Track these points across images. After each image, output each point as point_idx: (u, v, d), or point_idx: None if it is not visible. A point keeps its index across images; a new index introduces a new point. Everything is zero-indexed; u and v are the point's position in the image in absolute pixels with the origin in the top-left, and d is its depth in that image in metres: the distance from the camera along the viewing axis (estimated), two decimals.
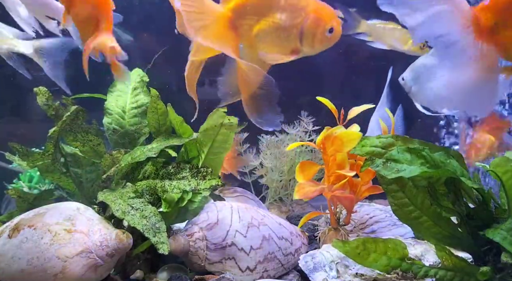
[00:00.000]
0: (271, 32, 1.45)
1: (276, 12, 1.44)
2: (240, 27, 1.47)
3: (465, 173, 1.20)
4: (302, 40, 1.45)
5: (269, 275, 1.43)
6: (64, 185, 1.57)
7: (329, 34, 1.43)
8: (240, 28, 1.47)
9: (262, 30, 1.45)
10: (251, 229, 1.44)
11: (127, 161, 1.39)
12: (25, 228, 1.22)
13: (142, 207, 1.28)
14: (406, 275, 1.23)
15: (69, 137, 1.51)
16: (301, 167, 1.52)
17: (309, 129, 2.13)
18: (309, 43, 1.45)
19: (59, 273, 1.19)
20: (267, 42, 1.47)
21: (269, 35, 1.45)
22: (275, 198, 2.23)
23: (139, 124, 1.61)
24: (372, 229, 1.63)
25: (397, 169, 1.15)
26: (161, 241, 1.19)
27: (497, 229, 1.18)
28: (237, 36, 1.47)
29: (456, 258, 1.20)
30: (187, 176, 1.34)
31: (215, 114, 1.46)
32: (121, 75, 1.35)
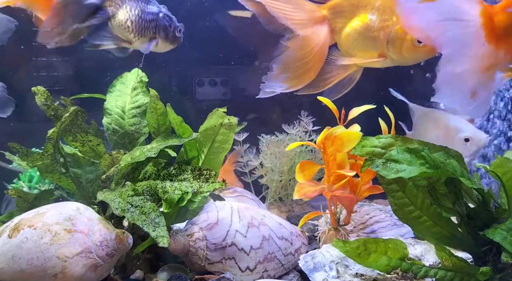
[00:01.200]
0: (360, 33, 1.44)
1: (368, 13, 1.42)
2: (335, 26, 1.48)
3: (465, 173, 1.20)
4: (389, 45, 1.41)
5: (269, 275, 1.43)
6: (64, 185, 1.57)
7: (418, 44, 1.38)
8: (334, 27, 1.48)
9: (352, 30, 1.44)
10: (251, 229, 1.44)
11: (126, 161, 1.39)
12: (25, 228, 1.22)
13: (142, 204, 1.28)
14: (406, 275, 1.23)
15: (69, 138, 1.51)
16: (301, 167, 1.52)
17: (309, 129, 2.13)
18: (396, 50, 1.41)
19: (59, 273, 1.19)
20: (355, 43, 1.46)
21: (358, 36, 1.44)
22: (275, 198, 2.23)
23: (138, 124, 1.60)
24: (372, 229, 1.63)
25: (396, 170, 1.15)
26: (161, 234, 1.19)
27: (497, 229, 1.18)
28: (331, 34, 1.50)
29: (456, 258, 1.20)
30: (189, 178, 1.34)
31: (215, 114, 1.46)
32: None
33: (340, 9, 1.52)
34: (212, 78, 2.41)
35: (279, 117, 2.45)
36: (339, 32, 1.54)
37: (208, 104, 2.39)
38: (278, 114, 2.42)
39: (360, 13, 1.46)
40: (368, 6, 1.46)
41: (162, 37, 1.57)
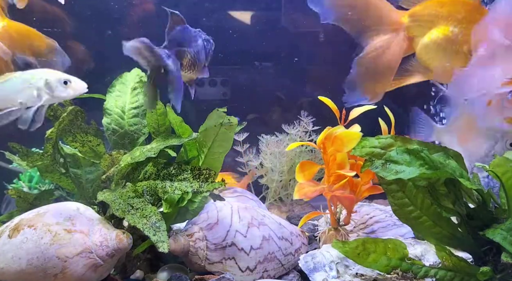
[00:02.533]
0: (440, 45, 1.39)
1: (450, 25, 1.37)
2: (413, 34, 1.45)
3: (464, 174, 1.20)
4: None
5: (269, 275, 1.43)
6: (64, 185, 1.57)
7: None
8: (412, 36, 1.46)
9: (432, 42, 1.41)
10: (251, 229, 1.44)
11: (126, 162, 1.39)
12: (25, 228, 1.22)
13: (142, 206, 1.28)
14: (406, 275, 1.23)
15: (69, 138, 1.51)
16: (301, 167, 1.52)
17: (309, 129, 2.13)
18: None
19: (59, 273, 1.19)
20: (435, 55, 1.43)
21: (438, 48, 1.40)
22: (275, 198, 2.23)
23: (138, 124, 1.61)
24: (372, 229, 1.63)
25: (396, 171, 1.15)
26: (161, 239, 1.19)
27: (497, 229, 1.18)
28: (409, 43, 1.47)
29: (456, 258, 1.20)
30: (189, 178, 1.34)
31: (215, 114, 1.46)
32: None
33: (420, 17, 1.48)
34: (212, 78, 2.41)
35: (279, 117, 2.45)
36: (417, 42, 1.50)
37: (208, 104, 2.39)
38: (278, 114, 2.42)
39: (440, 24, 1.42)
40: (450, 17, 1.41)
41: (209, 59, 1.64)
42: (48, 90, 1.32)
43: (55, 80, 1.32)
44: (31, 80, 1.32)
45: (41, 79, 1.32)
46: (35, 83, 1.32)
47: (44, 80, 1.32)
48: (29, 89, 1.32)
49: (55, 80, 1.32)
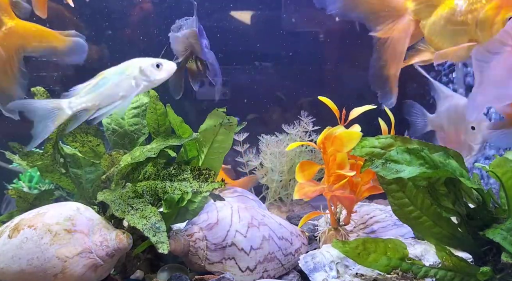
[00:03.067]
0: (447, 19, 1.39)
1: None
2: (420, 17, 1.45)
3: (464, 173, 1.20)
4: (477, 29, 1.34)
5: (269, 275, 1.43)
6: (64, 185, 1.57)
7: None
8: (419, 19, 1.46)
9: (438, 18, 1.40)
10: (251, 229, 1.44)
11: (126, 162, 1.39)
12: (25, 228, 1.22)
13: (142, 207, 1.28)
14: (406, 275, 1.23)
15: (69, 138, 1.51)
16: (301, 167, 1.52)
17: (309, 129, 2.14)
18: (486, 33, 1.34)
19: (59, 273, 1.19)
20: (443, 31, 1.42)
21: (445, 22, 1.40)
22: (275, 198, 2.23)
23: (138, 124, 1.61)
24: (372, 229, 1.63)
25: (396, 170, 1.15)
26: (161, 240, 1.19)
27: (497, 229, 1.18)
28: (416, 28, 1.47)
29: (456, 258, 1.20)
30: (188, 178, 1.34)
31: (215, 114, 1.46)
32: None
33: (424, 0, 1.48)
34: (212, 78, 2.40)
35: (279, 117, 2.45)
36: (424, 24, 1.50)
37: (208, 104, 2.40)
38: (278, 114, 2.42)
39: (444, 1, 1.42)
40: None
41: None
42: (144, 77, 1.35)
43: (148, 65, 1.36)
44: (126, 71, 1.36)
45: (135, 68, 1.36)
46: (130, 73, 1.35)
47: (138, 68, 1.35)
48: (127, 80, 1.35)
49: (148, 66, 1.36)
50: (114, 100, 1.36)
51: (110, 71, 1.37)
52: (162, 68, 1.37)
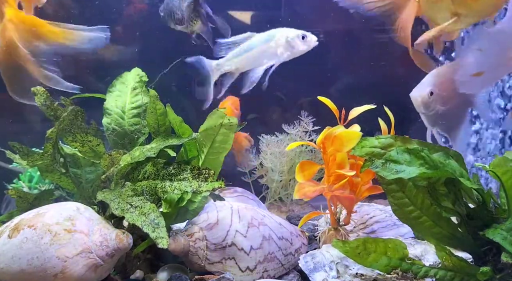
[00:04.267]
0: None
1: None
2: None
3: (464, 173, 1.20)
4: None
5: (269, 275, 1.43)
6: (64, 185, 1.57)
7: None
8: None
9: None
10: (251, 229, 1.44)
11: (126, 162, 1.39)
12: (25, 228, 1.22)
13: (141, 204, 1.28)
14: (406, 275, 1.23)
15: (68, 138, 1.51)
16: (301, 167, 1.52)
17: (309, 129, 2.14)
18: (462, 2, 1.39)
19: (59, 273, 1.19)
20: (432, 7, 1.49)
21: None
22: (275, 198, 2.23)
23: (138, 124, 1.60)
24: (372, 229, 1.63)
25: (396, 170, 1.15)
26: (160, 235, 1.19)
27: (497, 229, 1.18)
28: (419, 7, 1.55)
29: (456, 258, 1.20)
30: (188, 177, 1.34)
31: (215, 114, 1.46)
32: None
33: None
34: None
35: (279, 117, 2.45)
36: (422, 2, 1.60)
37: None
38: (278, 114, 2.42)
39: None
40: None
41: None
42: (289, 47, 1.38)
43: (295, 36, 1.38)
44: (273, 40, 1.37)
45: (282, 37, 1.37)
46: (277, 41, 1.38)
47: (285, 37, 1.37)
48: (272, 48, 1.38)
49: (295, 37, 1.38)
50: (257, 66, 1.38)
51: (257, 37, 1.39)
52: (307, 40, 1.39)
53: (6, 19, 1.60)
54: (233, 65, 1.41)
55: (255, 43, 1.41)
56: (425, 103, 1.73)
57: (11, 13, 1.62)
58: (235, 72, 1.44)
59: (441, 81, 1.74)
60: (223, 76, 1.49)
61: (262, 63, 1.40)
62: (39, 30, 1.67)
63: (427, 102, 1.73)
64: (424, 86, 1.75)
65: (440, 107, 1.73)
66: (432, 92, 1.72)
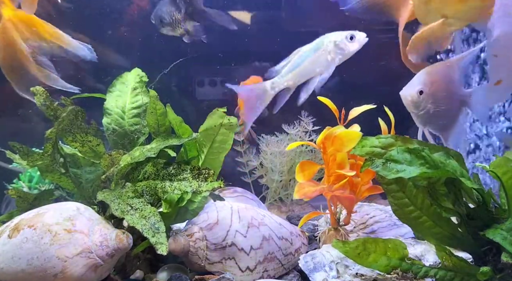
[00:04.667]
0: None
1: None
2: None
3: (464, 173, 1.20)
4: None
5: (269, 275, 1.43)
6: (64, 185, 1.57)
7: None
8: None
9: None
10: (251, 229, 1.44)
11: (126, 162, 1.39)
12: (25, 228, 1.22)
13: (142, 207, 1.28)
14: (406, 275, 1.23)
15: (68, 138, 1.51)
16: (301, 167, 1.52)
17: (309, 129, 2.14)
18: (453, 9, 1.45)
19: (59, 273, 1.19)
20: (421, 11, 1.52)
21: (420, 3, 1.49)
22: (275, 198, 2.23)
23: (138, 124, 1.60)
24: (372, 229, 1.62)
25: (396, 170, 1.15)
26: (160, 241, 1.19)
27: (497, 229, 1.18)
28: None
29: (456, 258, 1.20)
30: (188, 177, 1.34)
31: (215, 114, 1.46)
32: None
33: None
34: (212, 78, 2.41)
35: (279, 117, 2.45)
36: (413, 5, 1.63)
37: (208, 104, 2.40)
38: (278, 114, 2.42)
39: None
40: None
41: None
42: (339, 50, 1.38)
43: (342, 38, 1.39)
44: (321, 47, 1.38)
45: (330, 43, 1.38)
46: (326, 48, 1.38)
47: (333, 42, 1.38)
48: (322, 55, 1.38)
49: (343, 39, 1.39)
50: (312, 76, 1.39)
51: (305, 48, 1.40)
52: (355, 40, 1.40)
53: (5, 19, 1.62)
54: (288, 81, 1.43)
55: (305, 55, 1.43)
56: (415, 102, 1.71)
57: (9, 13, 1.64)
58: (292, 86, 1.47)
59: (432, 80, 1.71)
60: (280, 92, 1.52)
61: (316, 73, 1.42)
62: (38, 28, 1.69)
63: (417, 101, 1.71)
64: (413, 85, 1.73)
65: (431, 107, 1.71)
66: (422, 91, 1.70)
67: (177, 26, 1.82)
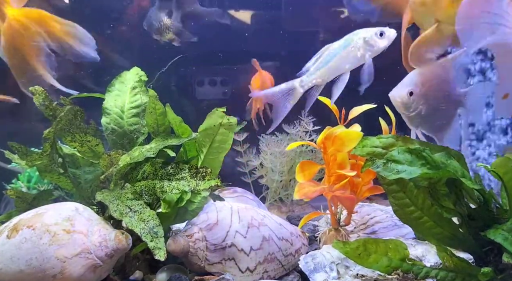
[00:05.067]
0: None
1: None
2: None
3: (466, 173, 1.19)
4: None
5: (269, 276, 1.43)
6: (63, 185, 1.56)
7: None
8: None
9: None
10: (251, 230, 1.44)
11: (125, 162, 1.38)
12: (24, 229, 1.21)
13: (141, 209, 1.28)
14: (407, 276, 1.22)
15: (67, 138, 1.50)
16: (301, 167, 1.51)
17: (309, 129, 2.13)
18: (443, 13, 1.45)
19: (58, 274, 1.18)
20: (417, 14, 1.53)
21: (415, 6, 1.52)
22: (275, 199, 2.22)
23: (138, 124, 1.60)
24: (373, 229, 1.62)
25: (397, 170, 1.14)
26: (158, 246, 1.19)
27: (498, 230, 1.18)
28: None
29: (457, 259, 1.20)
30: (186, 177, 1.34)
31: (214, 114, 1.45)
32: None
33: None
34: (212, 78, 2.40)
35: None
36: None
37: (208, 104, 2.39)
38: None
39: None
40: None
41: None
42: (368, 47, 1.39)
43: (372, 35, 1.40)
44: (351, 44, 1.39)
45: (359, 39, 1.39)
46: (355, 44, 1.39)
47: (363, 38, 1.38)
48: (352, 52, 1.39)
49: (372, 35, 1.39)
50: (341, 73, 1.40)
51: (335, 45, 1.40)
52: (385, 36, 1.41)
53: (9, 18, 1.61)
54: (317, 78, 1.44)
55: (334, 51, 1.44)
56: (405, 104, 1.69)
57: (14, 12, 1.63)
58: (321, 83, 1.48)
59: (423, 81, 1.69)
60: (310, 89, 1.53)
61: (346, 69, 1.42)
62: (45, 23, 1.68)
63: (407, 103, 1.68)
64: (403, 86, 1.70)
65: (422, 108, 1.69)
66: (412, 92, 1.67)
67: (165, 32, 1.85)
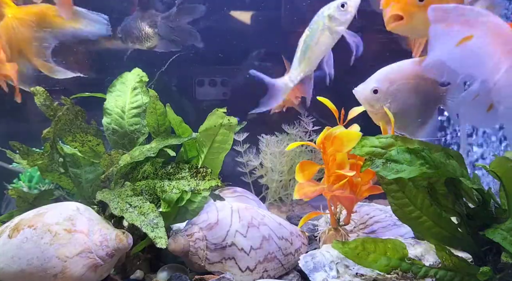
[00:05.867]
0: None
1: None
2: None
3: (465, 173, 1.20)
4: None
5: (269, 275, 1.43)
6: (64, 185, 1.57)
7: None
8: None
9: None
10: (251, 229, 1.44)
11: (126, 161, 1.39)
12: (25, 228, 1.22)
13: (140, 204, 1.28)
14: (406, 275, 1.23)
15: (68, 138, 1.51)
16: (301, 167, 1.52)
17: (309, 129, 2.14)
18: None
19: (59, 273, 1.19)
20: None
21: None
22: (275, 198, 2.23)
23: (138, 124, 1.60)
24: (372, 229, 1.62)
25: (396, 170, 1.15)
26: (159, 235, 1.19)
27: (497, 229, 1.18)
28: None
29: (456, 258, 1.20)
30: (186, 176, 1.34)
31: (215, 114, 1.46)
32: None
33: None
34: (212, 78, 2.41)
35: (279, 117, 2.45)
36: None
37: (208, 104, 2.39)
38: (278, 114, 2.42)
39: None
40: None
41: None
42: (336, 22, 1.38)
43: (334, 9, 1.40)
44: (319, 26, 1.40)
45: (324, 18, 1.40)
46: (323, 25, 1.40)
47: (327, 16, 1.39)
48: (323, 35, 1.40)
49: (335, 10, 1.40)
50: (323, 56, 1.40)
51: (305, 34, 1.40)
52: (347, 6, 1.39)
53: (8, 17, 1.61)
54: (303, 69, 1.46)
55: (308, 39, 1.44)
56: (368, 101, 1.60)
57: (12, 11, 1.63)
58: (309, 73, 1.49)
59: (392, 78, 1.60)
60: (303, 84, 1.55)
61: (326, 51, 1.44)
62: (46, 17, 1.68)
63: (371, 100, 1.59)
64: (368, 83, 1.61)
65: (390, 106, 1.59)
66: (377, 90, 1.58)
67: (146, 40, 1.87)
